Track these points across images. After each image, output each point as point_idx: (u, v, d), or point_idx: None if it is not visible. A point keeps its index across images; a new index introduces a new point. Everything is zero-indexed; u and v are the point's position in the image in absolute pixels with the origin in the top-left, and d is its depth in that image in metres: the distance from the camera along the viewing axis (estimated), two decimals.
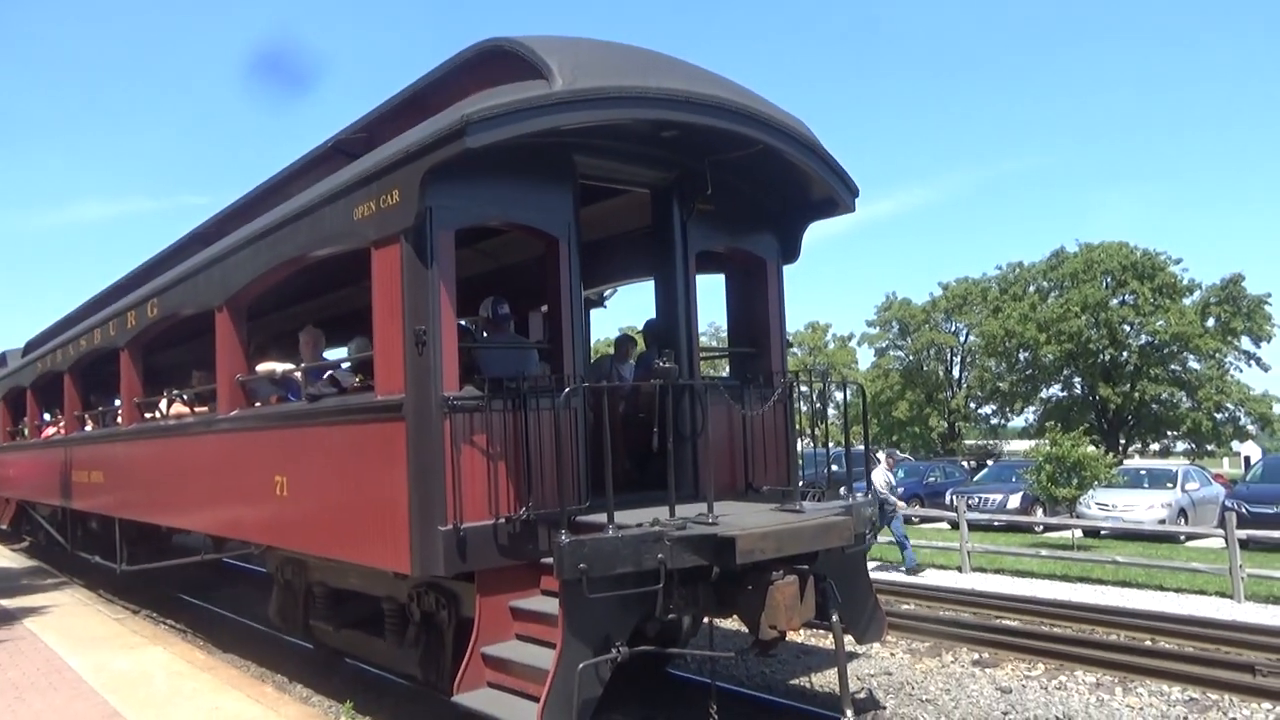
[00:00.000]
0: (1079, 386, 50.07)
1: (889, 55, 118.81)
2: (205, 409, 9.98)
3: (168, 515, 10.73)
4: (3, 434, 19.44)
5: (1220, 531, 14.80)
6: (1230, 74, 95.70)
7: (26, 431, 17.98)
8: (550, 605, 5.80)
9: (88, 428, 13.82)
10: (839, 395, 8.00)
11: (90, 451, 13.35)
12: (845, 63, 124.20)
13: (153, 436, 11.04)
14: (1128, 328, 46.98)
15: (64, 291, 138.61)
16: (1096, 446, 27.89)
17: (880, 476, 16.34)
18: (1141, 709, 8.03)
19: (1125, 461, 33.36)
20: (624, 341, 9.10)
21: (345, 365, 8.24)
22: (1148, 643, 10.37)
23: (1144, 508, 21.86)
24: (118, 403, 12.25)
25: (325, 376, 8.05)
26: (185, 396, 10.81)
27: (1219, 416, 46.69)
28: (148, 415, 11.66)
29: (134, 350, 11.57)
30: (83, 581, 14.82)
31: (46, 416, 17.16)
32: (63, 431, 15.03)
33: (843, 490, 7.38)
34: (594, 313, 10.57)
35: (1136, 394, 46.54)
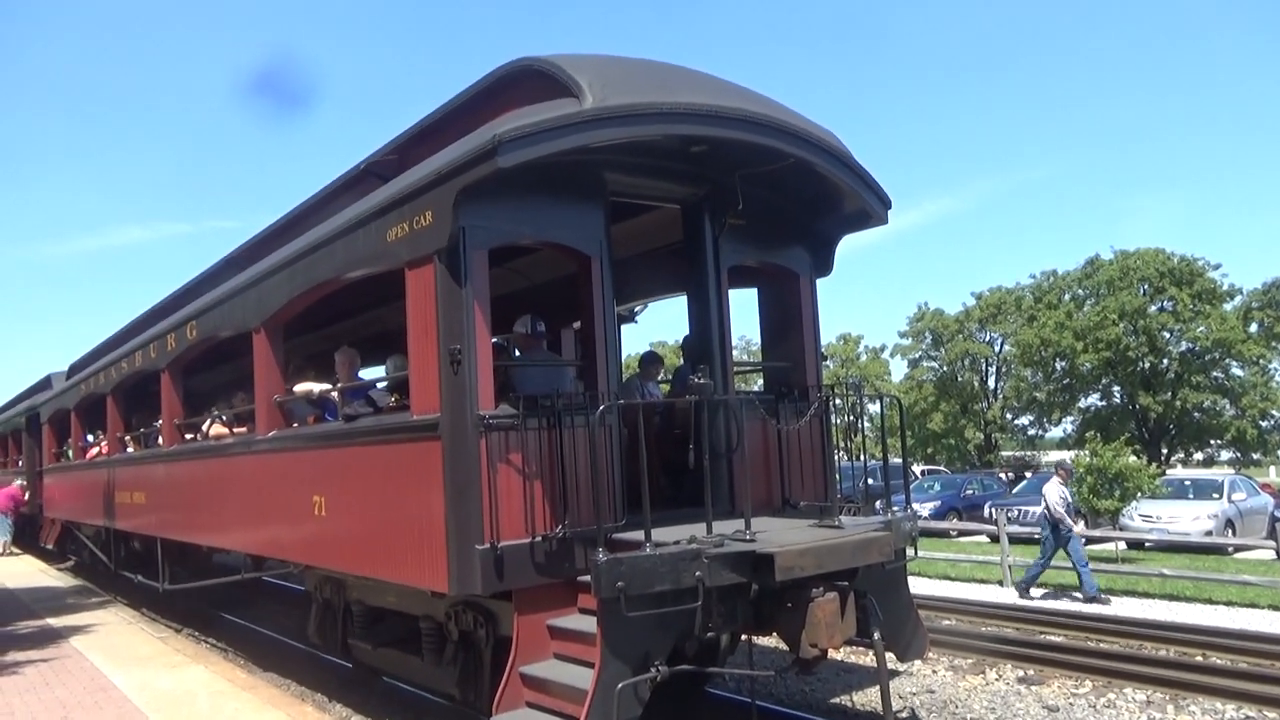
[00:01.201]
0: (1118, 395, 49.26)
1: (910, 62, 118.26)
2: (245, 429, 10.10)
3: (208, 535, 10.86)
4: (49, 455, 19.83)
5: (1270, 543, 14.47)
6: (1264, 74, 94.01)
7: (71, 453, 18.32)
8: (588, 624, 5.76)
9: (130, 449, 14.04)
10: (874, 407, 7.92)
11: (132, 472, 13.56)
12: (867, 71, 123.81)
13: (193, 457, 11.18)
14: (1167, 335, 46.19)
15: (105, 315, 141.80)
16: (1138, 456, 27.37)
17: (1054, 492, 14.57)
18: None
19: (1168, 472, 32.70)
20: (650, 360, 9.08)
21: (381, 385, 8.30)
22: (1199, 658, 10.11)
23: (1189, 519, 21.40)
24: (159, 424, 12.43)
25: (362, 396, 8.11)
26: (225, 417, 10.96)
27: (1264, 424, 45.70)
28: (188, 436, 11.83)
29: (174, 372, 11.75)
30: (126, 600, 15.02)
31: (90, 438, 17.47)
32: (105, 452, 15.28)
33: (879, 504, 7.28)
34: (625, 328, 10.57)
35: (1178, 402, 45.68)
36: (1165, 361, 46.58)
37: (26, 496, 21.55)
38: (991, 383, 58.26)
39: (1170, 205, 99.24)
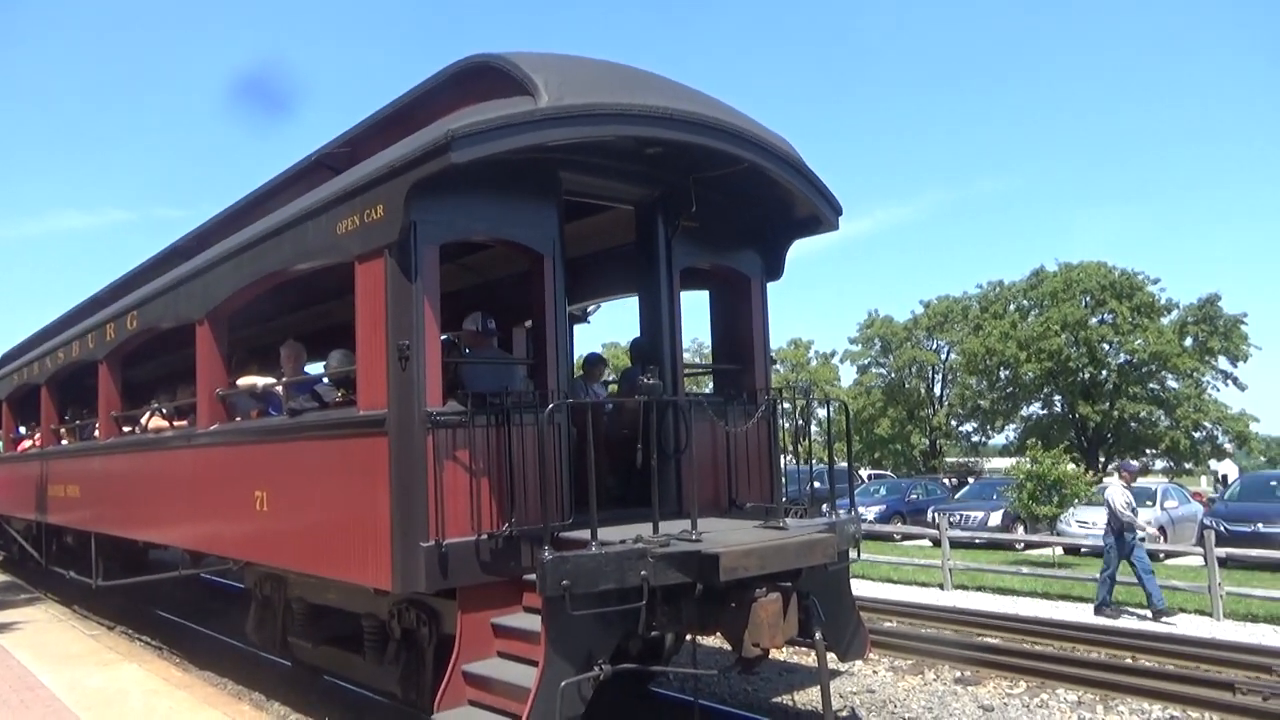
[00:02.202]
0: (1059, 404, 50.41)
1: (862, 72, 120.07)
2: (185, 423, 9.89)
3: (145, 530, 10.61)
4: None
5: (1199, 550, 14.89)
6: (1208, 95, 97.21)
7: (1, 445, 17.76)
8: (533, 622, 5.76)
9: (64, 441, 13.66)
10: (821, 412, 8.02)
11: (66, 465, 13.19)
12: (818, 80, 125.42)
13: (130, 450, 10.92)
14: (1107, 346, 47.38)
15: (40, 303, 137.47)
16: (1076, 464, 28.07)
17: (1119, 496, 13.65)
18: None
19: (1104, 479, 33.57)
20: (594, 361, 9.10)
21: (325, 380, 8.19)
22: (1129, 661, 10.41)
23: None
24: (96, 417, 12.12)
25: (307, 391, 7.99)
26: (165, 410, 10.72)
27: (1196, 435, 47.06)
28: (126, 429, 11.54)
29: (113, 363, 11.46)
30: (57, 597, 14.61)
31: (22, 430, 16.96)
32: (38, 444, 14.85)
33: (824, 508, 7.38)
34: (576, 328, 10.57)
35: (1116, 412, 46.90)
36: (1104, 373, 47.80)
37: None
38: (938, 390, 59.33)
39: (1114, 220, 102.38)
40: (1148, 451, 49.31)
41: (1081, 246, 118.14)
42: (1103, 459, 48.36)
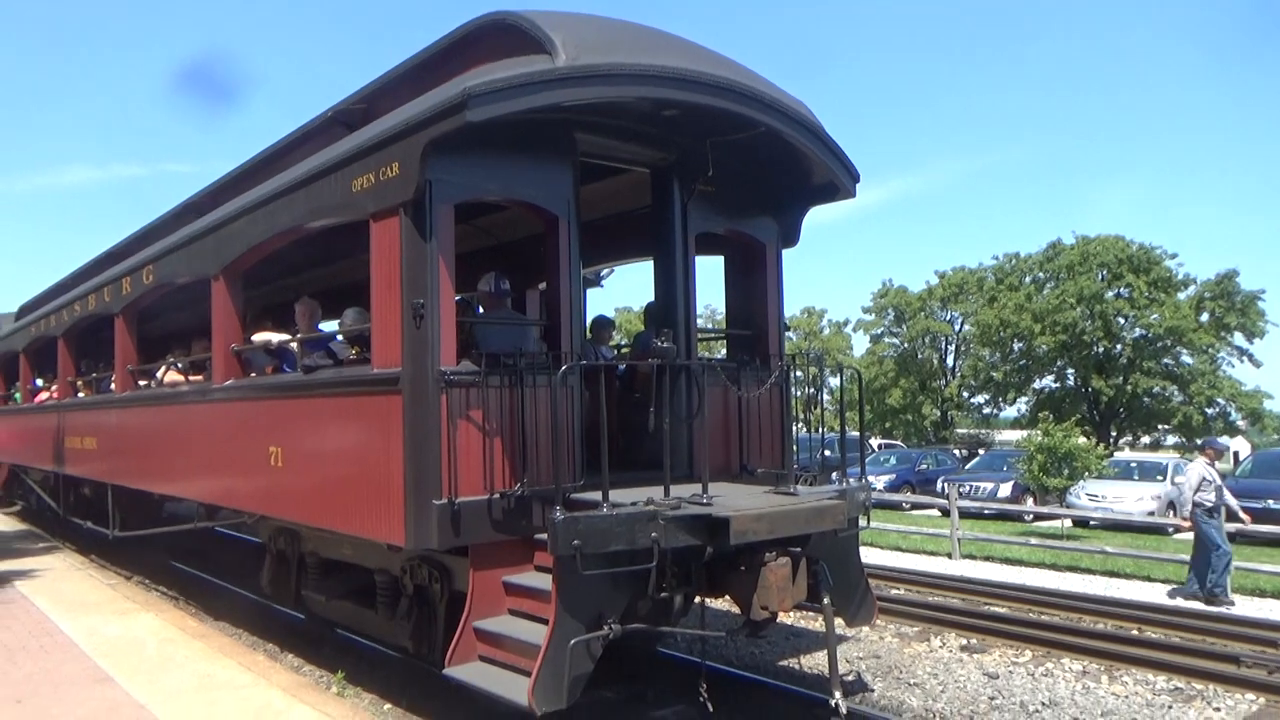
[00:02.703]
0: (1072, 378, 50.19)
1: (876, 39, 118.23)
2: (200, 378, 9.97)
3: (161, 483, 10.74)
4: None
5: None
6: (1231, 68, 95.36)
7: (19, 396, 17.95)
8: (543, 581, 5.82)
9: (81, 394, 13.79)
10: (834, 381, 8.01)
11: (83, 417, 13.33)
12: (832, 45, 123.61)
13: (147, 404, 11.02)
14: (1122, 320, 47.05)
15: (52, 257, 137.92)
16: (1088, 438, 28.00)
17: (1196, 474, 12.72)
18: (1127, 697, 8.11)
19: (1116, 453, 33.51)
20: (602, 324, 9.09)
21: (339, 338, 8.22)
22: (1134, 632, 10.46)
23: (1133, 499, 22.00)
24: (112, 369, 12.22)
25: (322, 348, 8.03)
26: (180, 365, 10.80)
27: (1210, 411, 46.83)
28: (142, 383, 11.64)
29: (129, 317, 11.53)
30: (75, 546, 14.84)
31: (39, 381, 17.12)
32: (56, 396, 15.00)
33: (835, 475, 7.40)
34: (590, 294, 10.56)
35: (1129, 387, 46.67)
36: (1119, 347, 47.50)
37: None
38: (950, 361, 59.13)
39: (1132, 193, 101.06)
40: (1160, 427, 49.16)
41: (1098, 220, 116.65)
42: (1114, 433, 48.26)
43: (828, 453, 8.28)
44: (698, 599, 6.95)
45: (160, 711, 6.32)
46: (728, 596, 6.60)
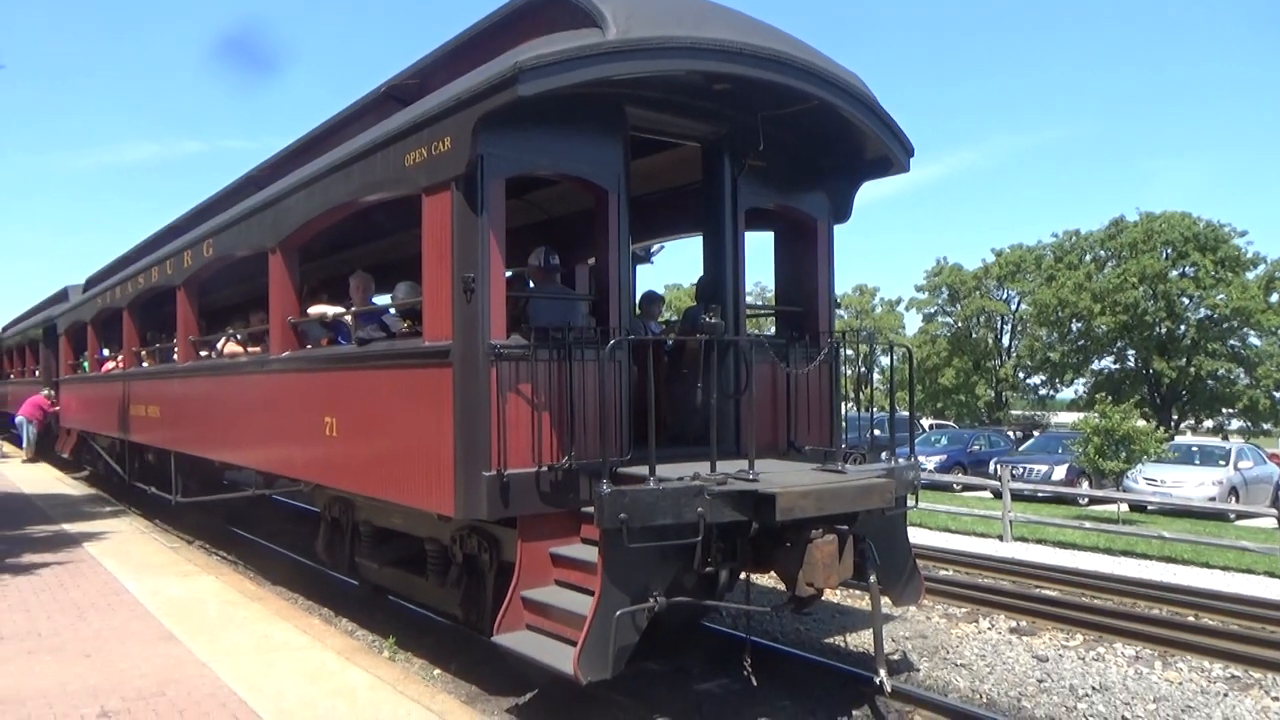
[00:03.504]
0: (1132, 359, 49.00)
1: (934, 8, 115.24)
2: (258, 349, 10.21)
3: (221, 451, 11.05)
4: (66, 367, 20.10)
5: (1273, 511, 14.51)
6: None
7: (87, 365, 18.56)
8: (590, 553, 5.89)
9: (145, 363, 14.22)
10: (885, 360, 7.93)
11: (147, 387, 13.75)
12: (887, 17, 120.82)
13: (207, 374, 11.33)
14: (1186, 300, 45.74)
15: (116, 229, 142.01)
16: (1147, 421, 27.34)
17: None
18: (1181, 684, 7.96)
19: (1176, 437, 32.66)
20: (651, 299, 9.08)
21: (392, 311, 8.35)
22: (1190, 619, 10.24)
23: (1194, 484, 21.48)
24: (174, 340, 12.57)
25: (375, 321, 8.16)
26: (240, 336, 11.06)
27: (1278, 394, 45.41)
28: (203, 353, 11.96)
29: (190, 289, 11.84)
30: (139, 511, 15.35)
31: (106, 351, 17.67)
32: (121, 366, 15.48)
33: (884, 454, 7.34)
34: (639, 270, 10.53)
35: (1192, 369, 45.44)
36: (1182, 327, 46.20)
37: (55, 407, 21.81)
38: (1005, 340, 58.02)
39: (1198, 170, 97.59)
40: (1224, 410, 47.78)
41: (1161, 197, 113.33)
42: (1175, 416, 47.02)
43: (877, 432, 8.20)
44: (743, 574, 6.98)
45: (221, 669, 6.55)
46: (773, 572, 6.60)
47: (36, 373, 24.22)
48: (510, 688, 7.05)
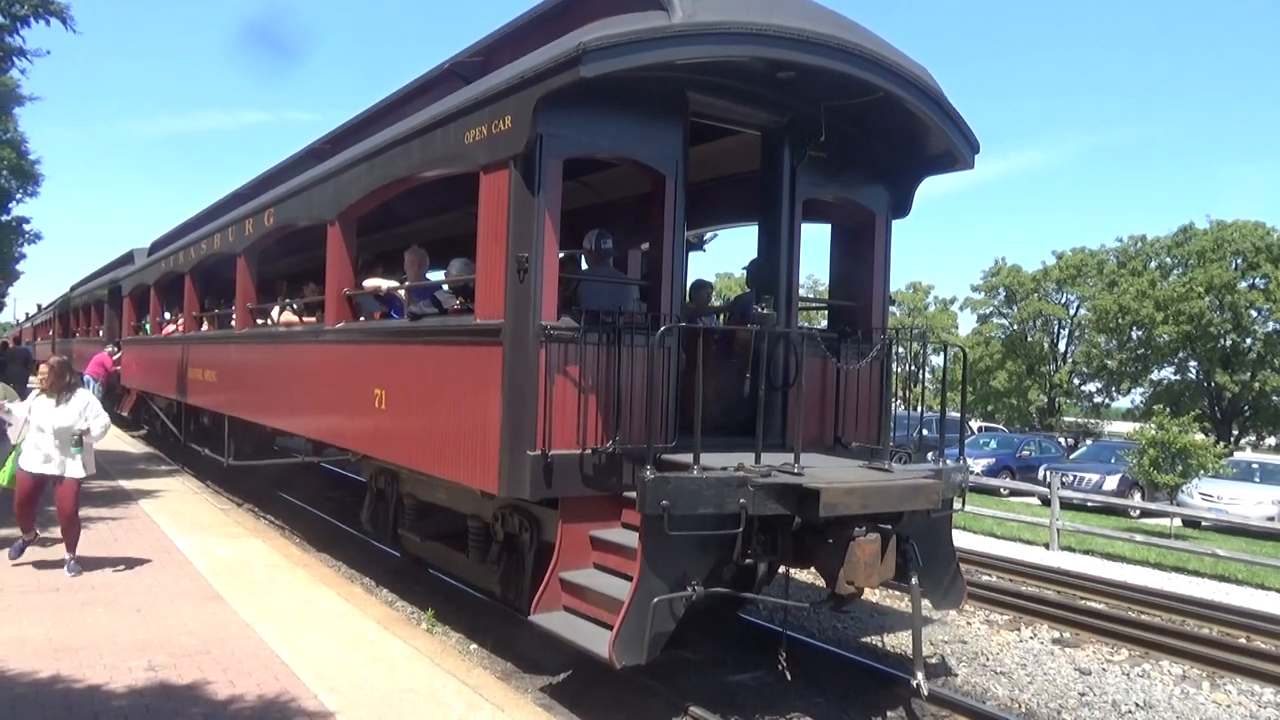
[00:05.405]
0: (1194, 371, 47.58)
1: (1004, 4, 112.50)
2: (313, 319, 10.37)
3: (273, 417, 11.26)
4: (128, 328, 20.65)
5: None
6: None
7: (149, 327, 19.03)
8: (630, 538, 5.89)
9: (204, 328, 14.54)
10: (936, 359, 7.79)
11: (205, 351, 14.07)
12: (956, 12, 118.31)
13: (263, 342, 11.54)
14: (1255, 313, 44.24)
15: (182, 195, 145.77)
16: (1206, 435, 26.56)
17: None
18: (1229, 706, 7.75)
19: (1236, 453, 31.69)
20: (699, 286, 9.01)
21: (445, 287, 8.41)
22: (1242, 640, 9.95)
23: (1252, 502, 20.83)
24: (233, 306, 12.82)
25: (428, 297, 8.23)
26: (296, 305, 11.24)
27: None
28: (259, 321, 12.18)
29: (250, 257, 12.05)
30: (193, 471, 15.74)
31: (167, 315, 18.11)
32: (181, 330, 15.85)
33: (931, 455, 7.23)
34: (692, 257, 10.47)
35: (1256, 384, 43.96)
36: (1249, 341, 44.74)
37: (118, 366, 22.39)
38: (1062, 345, 56.72)
39: (1274, 177, 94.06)
40: None
41: (1231, 204, 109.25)
42: (1236, 432, 45.64)
43: (925, 432, 8.07)
44: (782, 568, 6.93)
45: (264, 631, 6.69)
46: (813, 568, 6.55)
47: (100, 332, 24.91)
48: (544, 667, 7.11)
